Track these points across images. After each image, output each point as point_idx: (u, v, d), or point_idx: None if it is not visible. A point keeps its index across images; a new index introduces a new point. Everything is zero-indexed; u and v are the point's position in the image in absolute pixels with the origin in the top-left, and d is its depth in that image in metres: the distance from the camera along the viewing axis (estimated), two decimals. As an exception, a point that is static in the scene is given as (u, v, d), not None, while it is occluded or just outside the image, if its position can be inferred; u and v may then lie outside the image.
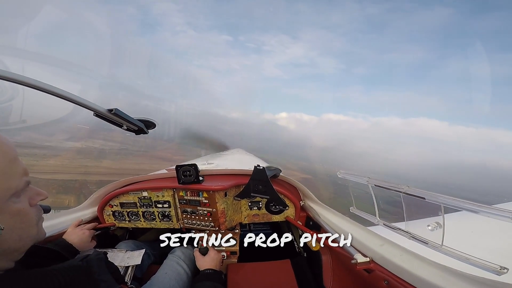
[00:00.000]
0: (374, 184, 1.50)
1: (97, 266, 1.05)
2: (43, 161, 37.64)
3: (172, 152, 55.81)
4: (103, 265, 1.09)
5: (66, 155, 42.69)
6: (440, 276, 1.00)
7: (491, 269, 0.91)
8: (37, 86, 0.97)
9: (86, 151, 49.34)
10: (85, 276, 0.97)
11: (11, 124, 1.62)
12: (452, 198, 1.04)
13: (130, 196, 2.00)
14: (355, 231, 1.54)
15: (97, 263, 1.07)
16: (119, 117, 1.32)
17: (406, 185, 1.26)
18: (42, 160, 37.63)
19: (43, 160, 37.96)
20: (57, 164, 37.93)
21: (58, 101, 1.11)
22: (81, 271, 0.96)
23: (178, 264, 1.69)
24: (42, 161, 37.52)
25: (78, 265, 0.99)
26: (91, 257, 1.10)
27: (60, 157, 41.25)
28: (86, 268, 1.00)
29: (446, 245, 1.09)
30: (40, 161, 37.11)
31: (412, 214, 1.25)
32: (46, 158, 39.12)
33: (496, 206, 0.90)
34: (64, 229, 1.72)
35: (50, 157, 40.07)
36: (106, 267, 1.09)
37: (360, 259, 1.27)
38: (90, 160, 43.70)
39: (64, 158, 40.81)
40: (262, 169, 1.77)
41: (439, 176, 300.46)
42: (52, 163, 38.11)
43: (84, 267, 1.00)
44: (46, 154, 40.03)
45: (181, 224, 2.04)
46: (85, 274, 0.97)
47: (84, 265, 1.01)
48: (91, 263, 1.05)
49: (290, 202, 2.04)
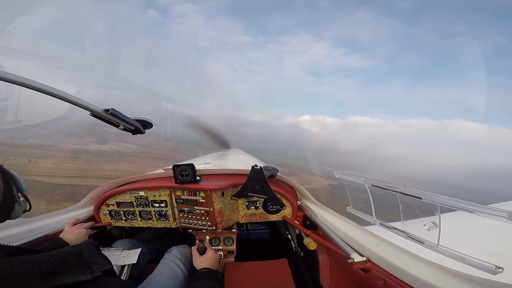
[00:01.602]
0: (371, 184, 1.50)
1: (88, 250, 1.07)
2: (62, 165, 37.27)
3: (193, 154, 55.87)
4: (94, 249, 1.11)
5: (86, 158, 42.19)
6: (436, 275, 1.01)
7: (487, 268, 0.92)
8: (33, 86, 0.96)
9: (108, 153, 48.80)
10: (76, 259, 0.97)
11: (8, 124, 1.61)
12: (448, 198, 1.05)
13: (126, 195, 1.99)
14: (351, 230, 1.54)
15: (88, 247, 1.10)
16: (115, 117, 1.31)
17: (403, 185, 1.27)
18: (61, 164, 37.25)
19: (62, 164, 37.58)
20: (75, 167, 37.45)
21: (55, 101, 1.11)
22: (71, 255, 0.97)
23: (174, 263, 1.69)
24: (61, 164, 37.14)
25: (68, 250, 1.01)
26: (82, 243, 1.14)
27: (80, 159, 40.85)
28: (76, 252, 1.01)
29: (442, 245, 1.10)
30: (59, 164, 36.74)
31: (409, 214, 1.26)
32: (66, 160, 38.75)
33: (492, 206, 0.90)
34: (61, 228, 1.71)
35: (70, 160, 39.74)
36: (97, 251, 1.12)
37: (357, 258, 1.27)
38: (109, 162, 43.11)
39: (84, 161, 40.42)
40: (259, 169, 1.77)
41: (476, 181, 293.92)
42: (70, 166, 37.67)
43: (75, 251, 1.01)
44: (67, 156, 39.71)
45: (178, 224, 2.03)
46: (76, 258, 0.98)
47: (74, 250, 1.02)
48: (82, 248, 1.07)
49: (287, 201, 2.04)
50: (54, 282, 0.84)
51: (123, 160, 48.79)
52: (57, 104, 1.13)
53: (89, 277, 0.95)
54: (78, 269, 0.94)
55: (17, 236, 1.47)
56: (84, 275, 0.94)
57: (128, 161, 48.80)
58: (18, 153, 35.56)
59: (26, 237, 1.51)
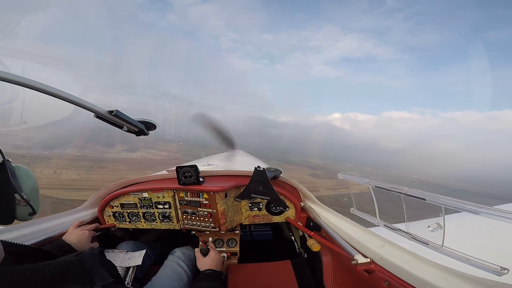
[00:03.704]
0: (374, 186, 1.50)
1: (91, 260, 1.05)
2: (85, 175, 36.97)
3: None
4: (97, 260, 1.09)
5: (112, 167, 41.72)
6: (440, 276, 1.00)
7: (492, 269, 0.92)
8: (37, 87, 0.97)
9: (139, 161, 48.10)
10: (78, 269, 0.96)
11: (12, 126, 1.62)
12: (452, 199, 1.05)
13: (130, 197, 2.00)
14: (355, 232, 1.54)
15: (91, 257, 1.07)
16: (119, 119, 1.32)
17: (406, 186, 1.26)
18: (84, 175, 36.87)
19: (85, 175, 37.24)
20: (97, 178, 37.12)
21: (59, 103, 1.12)
22: (73, 265, 0.96)
23: (178, 264, 1.69)
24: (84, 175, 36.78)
25: (71, 260, 0.98)
26: (85, 252, 1.10)
27: (105, 169, 40.58)
28: (79, 263, 0.99)
29: (446, 246, 1.09)
30: (82, 175, 36.40)
31: (413, 215, 1.26)
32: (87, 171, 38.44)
33: (497, 207, 0.90)
34: (65, 230, 1.72)
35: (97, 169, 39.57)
36: (100, 262, 1.09)
37: (361, 259, 1.27)
38: (135, 171, 42.38)
39: (109, 170, 40.10)
40: (262, 170, 1.77)
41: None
42: (93, 177, 37.42)
43: (77, 261, 1.00)
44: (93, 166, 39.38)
45: (182, 225, 2.04)
46: (78, 268, 0.97)
47: (77, 260, 1.00)
48: (85, 258, 1.05)
49: (290, 203, 2.04)
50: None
51: (150, 169, 48.21)
52: (61, 106, 1.14)
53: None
54: (80, 281, 0.93)
55: (22, 238, 1.48)
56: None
57: (154, 169, 48.62)
58: (45, 165, 35.53)
59: (30, 239, 1.52)
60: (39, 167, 38.26)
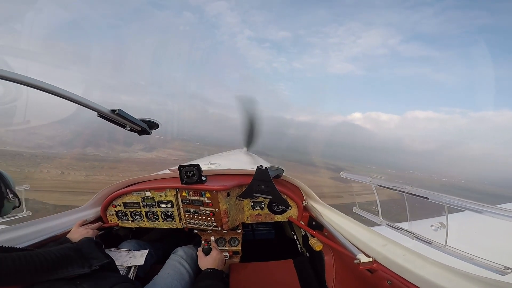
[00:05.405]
0: (377, 184, 1.50)
1: (88, 246, 1.15)
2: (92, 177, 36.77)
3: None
4: (93, 245, 1.19)
5: (123, 168, 41.64)
6: (443, 276, 1.00)
7: (495, 269, 0.91)
8: (40, 86, 0.97)
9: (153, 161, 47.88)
10: (76, 254, 1.05)
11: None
12: (456, 198, 1.04)
13: (133, 196, 2.00)
14: (358, 231, 1.53)
15: (87, 244, 1.17)
16: (122, 118, 1.33)
17: (409, 185, 1.26)
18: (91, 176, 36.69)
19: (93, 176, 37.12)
20: (103, 180, 37.16)
21: (62, 102, 1.12)
22: (71, 250, 1.05)
23: (180, 263, 1.70)
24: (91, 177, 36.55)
25: (68, 246, 1.09)
26: (81, 240, 1.24)
27: (116, 169, 40.57)
28: (76, 248, 1.09)
29: (449, 245, 1.09)
30: (89, 176, 36.20)
31: (416, 214, 1.25)
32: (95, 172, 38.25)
33: (500, 206, 0.89)
34: (69, 229, 1.73)
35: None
36: (96, 247, 1.19)
37: (363, 259, 1.26)
38: (146, 172, 42.42)
39: (119, 171, 40.12)
40: (264, 169, 1.77)
41: None
42: (100, 178, 37.36)
43: (74, 247, 1.10)
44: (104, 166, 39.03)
45: (184, 224, 2.04)
46: (75, 253, 1.06)
47: (74, 246, 1.11)
48: (82, 244, 1.15)
49: (292, 202, 2.04)
50: (55, 275, 0.92)
51: (163, 169, 48.72)
52: (64, 105, 1.15)
53: (88, 270, 1.02)
54: (78, 264, 1.02)
55: (25, 237, 1.50)
56: (83, 269, 1.02)
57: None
58: (56, 165, 35.55)
59: (34, 238, 1.53)
60: (48, 167, 38.37)
